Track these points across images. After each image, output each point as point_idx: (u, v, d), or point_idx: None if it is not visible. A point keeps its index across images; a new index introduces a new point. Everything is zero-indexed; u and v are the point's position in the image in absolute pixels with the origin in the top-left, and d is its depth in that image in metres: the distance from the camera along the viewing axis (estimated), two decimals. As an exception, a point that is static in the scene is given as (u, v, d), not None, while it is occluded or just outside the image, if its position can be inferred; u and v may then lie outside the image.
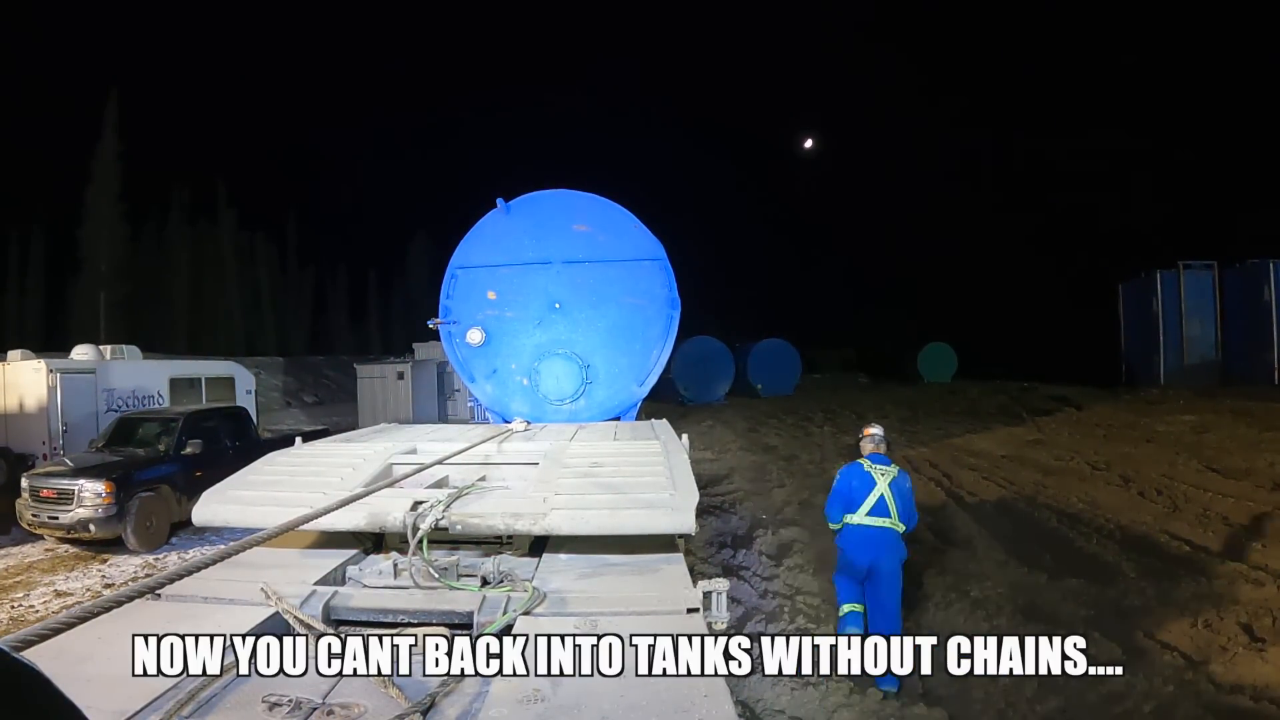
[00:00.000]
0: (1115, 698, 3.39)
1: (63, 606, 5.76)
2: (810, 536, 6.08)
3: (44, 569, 6.87)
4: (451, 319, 5.30)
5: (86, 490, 6.85)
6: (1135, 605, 4.61)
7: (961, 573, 5.13)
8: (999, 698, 3.37)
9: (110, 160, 31.87)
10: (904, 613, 4.42)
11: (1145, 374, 22.79)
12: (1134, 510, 7.14)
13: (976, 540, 6.01)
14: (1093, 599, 4.71)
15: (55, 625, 0.94)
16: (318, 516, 1.87)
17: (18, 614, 5.62)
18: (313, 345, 41.38)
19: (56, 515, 6.94)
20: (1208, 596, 4.71)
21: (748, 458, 10.78)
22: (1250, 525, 6.44)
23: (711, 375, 24.01)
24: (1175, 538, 6.10)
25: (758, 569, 5.42)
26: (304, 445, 3.46)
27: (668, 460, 2.79)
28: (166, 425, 7.86)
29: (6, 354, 10.60)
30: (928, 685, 3.56)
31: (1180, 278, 22.54)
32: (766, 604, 4.58)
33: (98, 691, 1.44)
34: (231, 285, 38.22)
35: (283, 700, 1.46)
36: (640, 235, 5.33)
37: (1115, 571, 5.24)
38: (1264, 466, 8.77)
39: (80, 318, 31.52)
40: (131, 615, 1.83)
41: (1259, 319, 20.44)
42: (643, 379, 5.21)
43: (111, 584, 6.32)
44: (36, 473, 7.44)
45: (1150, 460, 9.75)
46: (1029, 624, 4.25)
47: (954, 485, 8.44)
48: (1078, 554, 5.70)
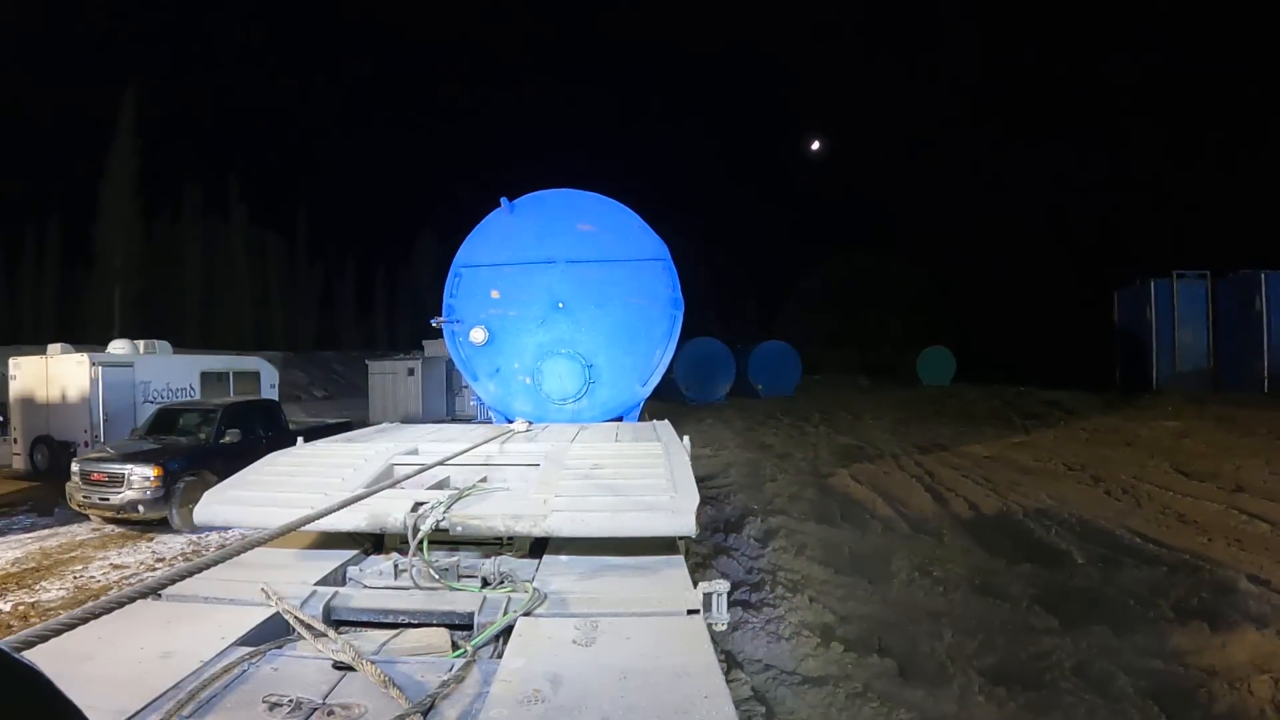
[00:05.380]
0: (1042, 655, 3.98)
1: (121, 578, 6.41)
2: (795, 524, 6.69)
3: (95, 546, 7.52)
4: (455, 317, 5.28)
5: (136, 474, 7.51)
6: (1079, 586, 5.20)
7: (928, 557, 5.73)
8: (942, 653, 3.97)
9: (126, 157, 32.69)
10: (871, 588, 5.05)
11: (1139, 380, 23.27)
12: (1097, 507, 7.73)
13: (945, 530, 6.63)
14: (1042, 581, 5.30)
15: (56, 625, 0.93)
16: (319, 517, 1.88)
17: (80, 583, 6.26)
18: (320, 340, 42.05)
19: (107, 497, 7.60)
20: (1146, 580, 5.29)
21: (744, 455, 11.39)
22: (1201, 522, 7.03)
23: (713, 376, 24.54)
24: (1131, 531, 6.69)
25: (746, 550, 6.03)
26: (305, 445, 3.47)
27: (669, 462, 2.80)
28: (206, 415, 8.53)
29: (46, 348, 11.29)
30: (884, 641, 4.16)
31: (1174, 286, 23.04)
32: (751, 578, 5.19)
33: (98, 691, 1.44)
34: (242, 280, 38.98)
35: (283, 700, 1.46)
36: (644, 235, 5.33)
37: (1067, 559, 5.83)
38: (1230, 470, 9.35)
39: (94, 312, 32.33)
40: (132, 615, 1.81)
41: (1250, 328, 20.85)
42: (646, 379, 5.24)
43: (162, 559, 6.96)
44: (87, 457, 8.10)
45: (1124, 462, 10.33)
46: (980, 598, 4.86)
47: (934, 482, 9.04)
48: (1037, 543, 6.29)
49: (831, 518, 7.24)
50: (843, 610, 4.62)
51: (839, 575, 5.31)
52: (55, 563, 6.87)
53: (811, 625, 4.29)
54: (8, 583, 6.23)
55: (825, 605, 4.65)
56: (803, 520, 6.90)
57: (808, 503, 7.86)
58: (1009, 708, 3.41)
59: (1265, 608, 4.72)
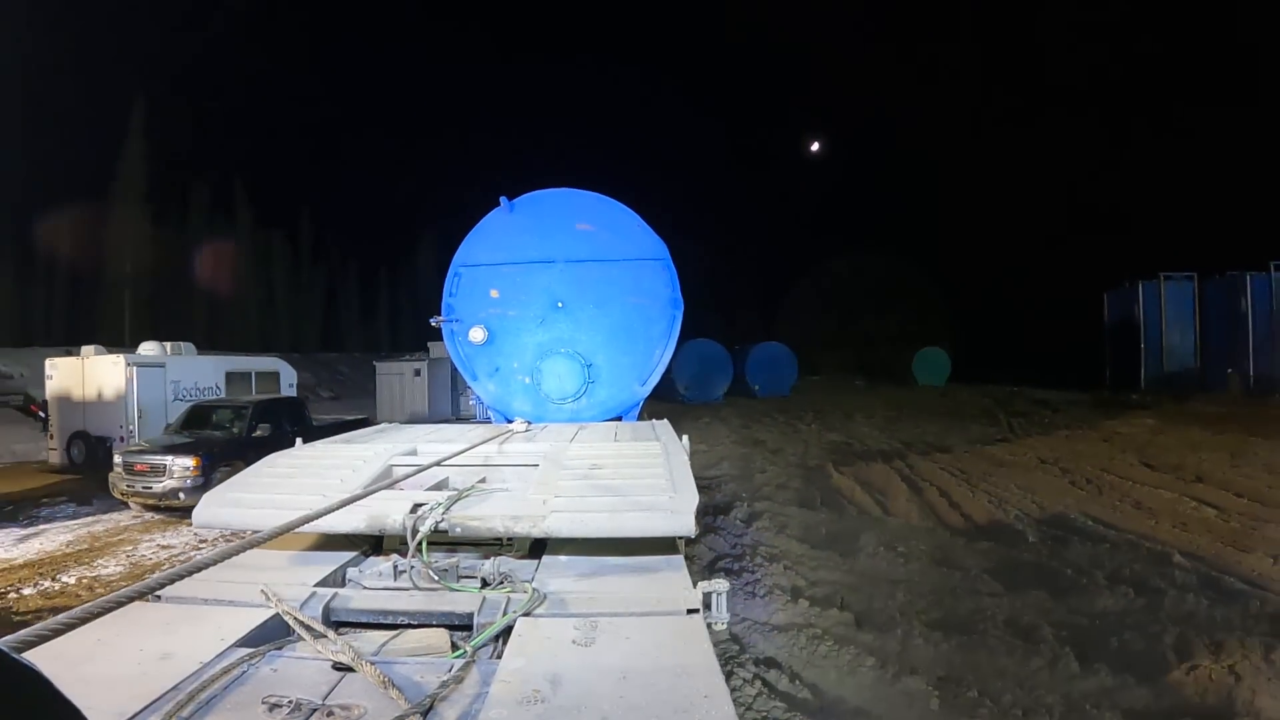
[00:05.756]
0: (980, 610, 4.64)
1: (170, 557, 7.10)
2: (779, 508, 7.36)
3: (139, 530, 8.22)
4: (454, 317, 5.27)
5: (177, 465, 8.23)
6: (1027, 560, 5.86)
7: (896, 536, 6.39)
8: (894, 609, 4.63)
9: (135, 161, 33.49)
10: (840, 560, 5.71)
11: (1128, 380, 23.83)
12: (1061, 495, 8.37)
13: (914, 512, 7.29)
14: (996, 556, 5.96)
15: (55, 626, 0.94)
16: (317, 518, 1.89)
17: (134, 560, 6.95)
18: (324, 342, 42.70)
19: (150, 485, 8.31)
20: (1088, 555, 5.94)
21: (738, 450, 12.06)
22: (1154, 507, 7.67)
23: (711, 376, 25.18)
24: (1087, 516, 7.33)
25: (731, 530, 6.70)
26: (304, 447, 3.47)
27: (668, 462, 2.81)
28: (238, 411, 9.27)
29: (80, 349, 12.01)
30: (845, 599, 4.83)
31: (1161, 288, 23.58)
32: (734, 551, 5.87)
33: (98, 692, 1.45)
34: (248, 283, 39.68)
35: (283, 701, 1.47)
36: (644, 235, 5.35)
37: (1021, 538, 6.49)
38: (1194, 463, 9.98)
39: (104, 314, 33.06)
40: (131, 616, 1.82)
41: (1236, 329, 21.34)
42: (645, 379, 5.28)
43: (205, 540, 7.65)
44: (130, 450, 8.81)
45: (1096, 456, 10.96)
46: (936, 569, 5.52)
47: (913, 473, 9.70)
48: (996, 525, 6.95)
49: (812, 503, 7.91)
50: (813, 577, 5.29)
51: (813, 550, 5.97)
52: (105, 545, 7.56)
53: (784, 587, 4.96)
54: (67, 561, 6.91)
55: (798, 573, 5.32)
56: (786, 505, 7.57)
57: (793, 491, 8.53)
58: (942, 648, 4.07)
59: (1190, 577, 5.37)
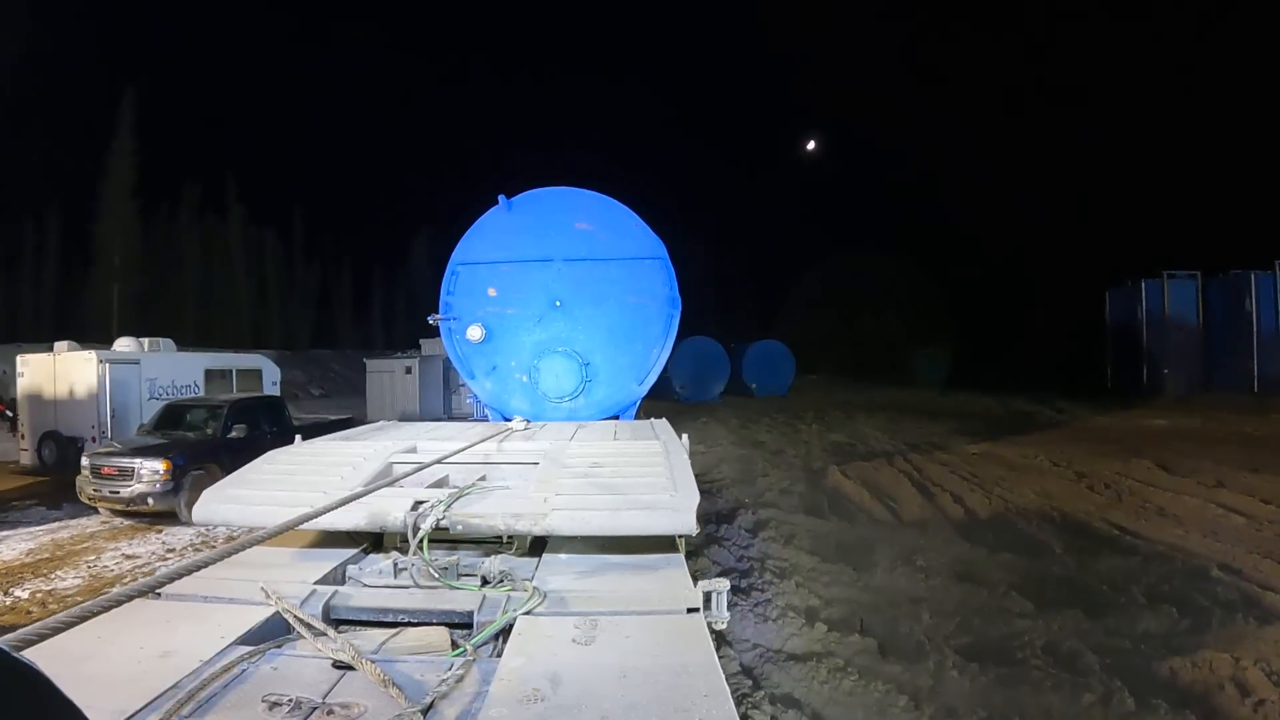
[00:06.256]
0: (1015, 635, 4.22)
1: (134, 568, 6.61)
2: (785, 516, 6.93)
3: (106, 538, 7.72)
4: (452, 315, 5.26)
5: (146, 468, 7.72)
6: (1056, 574, 5.45)
7: (912, 547, 5.97)
8: (920, 633, 4.21)
9: (125, 156, 32.87)
10: (855, 575, 5.28)
11: (1131, 380, 23.51)
12: (1080, 501, 7.99)
13: (930, 521, 6.87)
14: (1021, 569, 5.54)
15: (55, 625, 0.93)
16: (318, 516, 1.88)
17: (95, 572, 6.46)
18: (316, 339, 42.21)
19: (117, 490, 7.81)
20: (1121, 569, 5.54)
21: (737, 451, 11.64)
22: (1179, 515, 7.28)
23: (708, 375, 24.76)
24: (1110, 524, 6.94)
25: (736, 540, 6.27)
26: (304, 444, 3.44)
27: (668, 460, 2.81)
28: (213, 411, 8.75)
29: (51, 345, 11.47)
30: (865, 622, 4.40)
31: (1164, 286, 23.23)
32: (741, 565, 5.43)
33: (98, 691, 1.44)
34: (239, 279, 39.14)
35: (283, 700, 1.46)
36: (642, 234, 5.32)
37: (1046, 549, 6.07)
38: (1210, 466, 9.62)
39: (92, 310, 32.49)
40: (131, 615, 1.81)
41: (1240, 328, 21.04)
42: (642, 378, 5.24)
43: (172, 550, 7.17)
44: (98, 452, 8.30)
45: (1109, 459, 10.59)
46: (959, 584, 5.10)
47: (922, 477, 9.29)
48: (1019, 534, 6.53)
49: (820, 510, 7.48)
50: (827, 595, 4.86)
51: (825, 564, 5.54)
52: (68, 553, 7.07)
53: (797, 608, 4.53)
54: (24, 572, 6.43)
55: (811, 590, 4.89)
56: (792, 512, 7.14)
57: (798, 496, 8.10)
58: (980, 681, 3.64)
59: (1234, 594, 4.97)
